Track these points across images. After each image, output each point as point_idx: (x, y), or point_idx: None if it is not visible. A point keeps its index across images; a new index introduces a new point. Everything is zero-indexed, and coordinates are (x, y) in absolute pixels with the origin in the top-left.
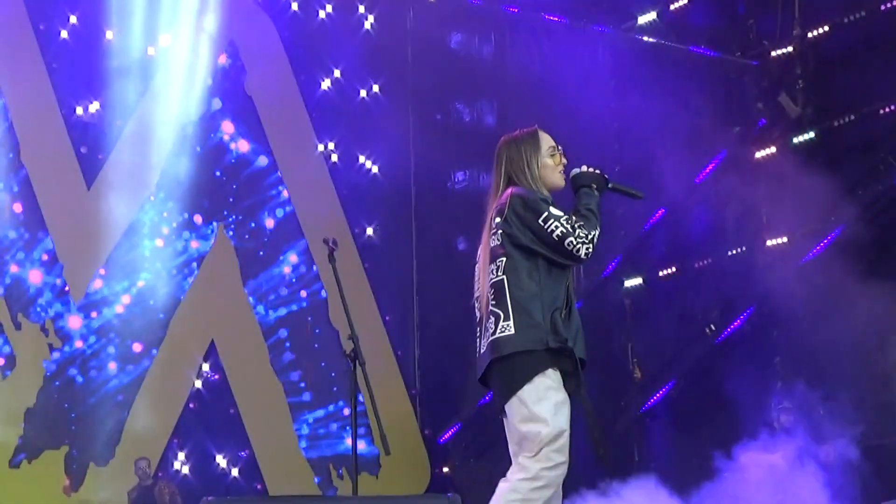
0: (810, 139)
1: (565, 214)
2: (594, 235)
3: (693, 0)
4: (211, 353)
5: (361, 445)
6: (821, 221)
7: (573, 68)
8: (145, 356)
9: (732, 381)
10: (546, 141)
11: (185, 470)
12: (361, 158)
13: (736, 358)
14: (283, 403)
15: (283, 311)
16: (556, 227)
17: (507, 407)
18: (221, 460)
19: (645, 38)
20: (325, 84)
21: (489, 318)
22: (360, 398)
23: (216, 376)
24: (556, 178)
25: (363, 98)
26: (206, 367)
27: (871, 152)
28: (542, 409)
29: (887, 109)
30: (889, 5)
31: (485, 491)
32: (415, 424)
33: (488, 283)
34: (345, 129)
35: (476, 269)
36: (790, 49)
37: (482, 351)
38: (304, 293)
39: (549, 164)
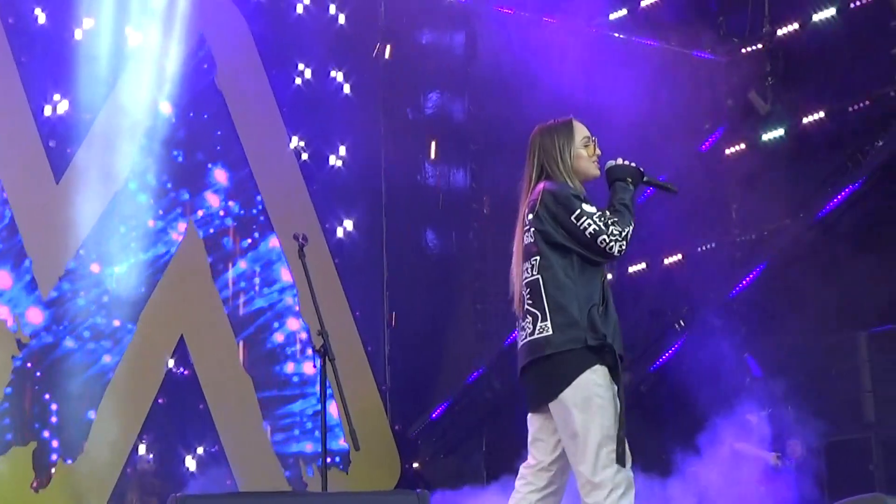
0: (780, 137)
1: (598, 210)
2: (628, 232)
3: None
4: (180, 349)
5: (331, 441)
6: (790, 218)
7: (544, 64)
8: (114, 352)
9: (702, 379)
10: (580, 131)
11: (154, 466)
12: (332, 154)
13: (705, 355)
14: (253, 399)
15: (253, 307)
16: (589, 224)
17: (551, 408)
18: (190, 458)
19: (616, 35)
20: (296, 79)
21: (526, 317)
22: (331, 394)
23: (185, 372)
24: (591, 168)
25: (334, 93)
26: (175, 362)
27: (840, 149)
28: (587, 412)
29: (856, 107)
30: (858, 3)
31: (455, 486)
32: (385, 420)
33: (523, 283)
34: (316, 124)
35: (511, 267)
36: (760, 46)
37: (519, 350)
38: (274, 289)
39: (583, 155)
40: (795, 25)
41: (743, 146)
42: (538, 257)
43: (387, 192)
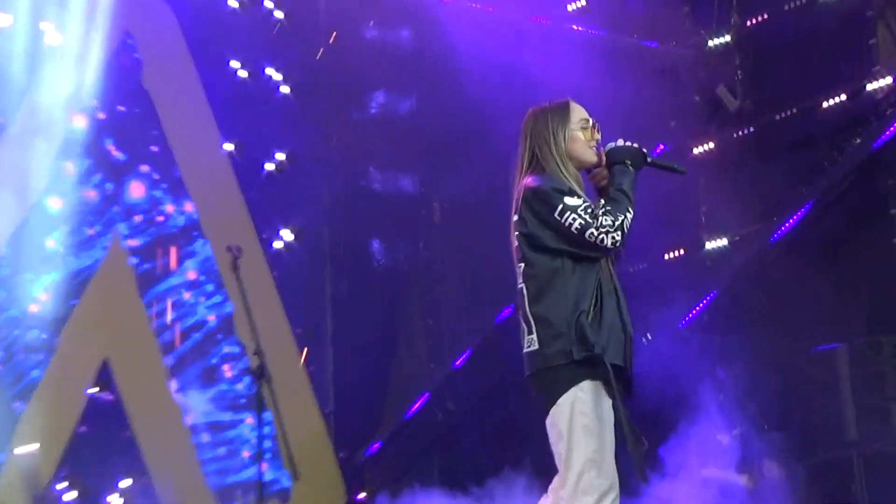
0: (750, 133)
1: (584, 202)
2: (623, 220)
3: None
4: (103, 372)
5: (269, 470)
6: (762, 222)
7: (498, 59)
8: (32, 376)
9: (669, 396)
10: (577, 112)
11: (75, 496)
12: (269, 159)
13: (675, 367)
14: (183, 426)
15: (183, 325)
16: (574, 219)
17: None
18: (114, 489)
19: (574, 27)
20: (231, 78)
21: (520, 327)
22: (269, 419)
23: (109, 397)
24: (587, 153)
25: (271, 92)
26: (98, 386)
27: (814, 148)
28: (572, 435)
29: (830, 102)
30: None
31: None
32: (328, 446)
33: (517, 289)
34: (252, 126)
35: None
36: (728, 38)
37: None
38: (206, 305)
39: (579, 138)
40: (766, 16)
41: (711, 145)
42: (522, 264)
43: (329, 199)
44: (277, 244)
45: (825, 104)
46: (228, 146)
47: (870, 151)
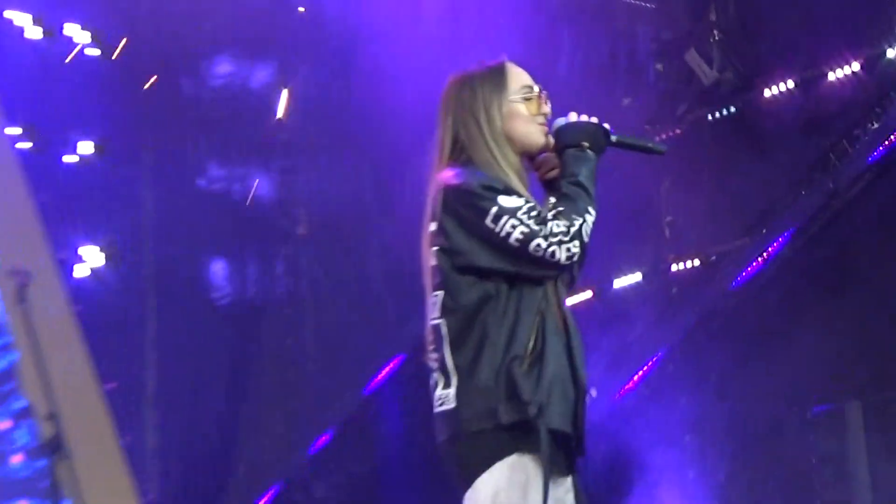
0: (731, 115)
1: (528, 202)
2: (581, 226)
3: None
4: None
5: None
6: (748, 235)
7: (392, 11)
8: None
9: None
10: (517, 78)
11: None
12: (70, 149)
13: (637, 415)
14: None
15: None
16: (514, 225)
17: None
18: None
19: None
20: (21, 44)
21: (431, 375)
22: None
23: None
24: (533, 133)
25: (74, 60)
26: None
27: (818, 135)
28: None
29: (840, 74)
30: None
31: None
32: None
33: (428, 324)
34: (46, 105)
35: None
36: None
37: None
38: None
39: (521, 113)
40: None
41: (678, 131)
42: (441, 292)
43: (154, 205)
44: (81, 268)
45: (832, 76)
46: (12, 131)
47: (893, 140)
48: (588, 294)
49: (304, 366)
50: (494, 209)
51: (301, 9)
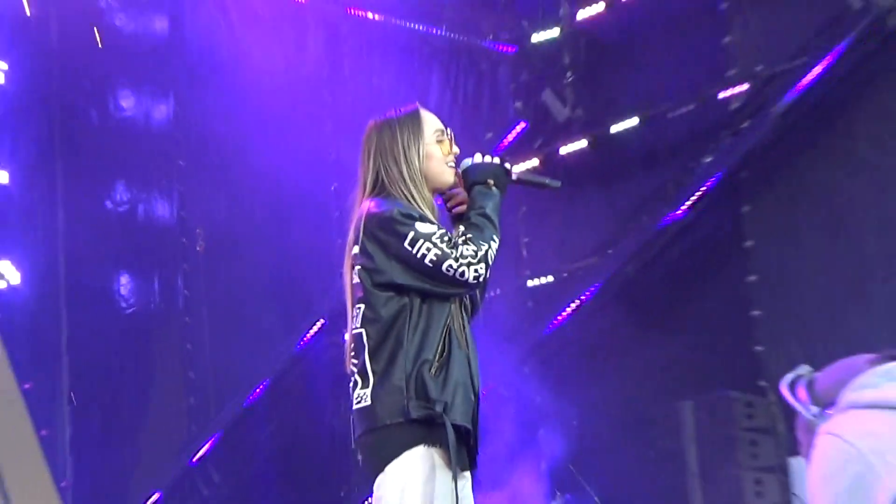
0: (582, 149)
1: (439, 230)
2: (487, 250)
3: None
4: None
5: None
6: (596, 255)
7: (275, 50)
8: None
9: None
10: (431, 123)
11: None
12: None
13: (494, 432)
14: None
15: None
16: (428, 248)
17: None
18: None
19: (372, 16)
20: None
21: (350, 379)
22: None
23: None
24: (445, 173)
25: None
26: None
27: (659, 167)
28: (399, 500)
29: (677, 112)
30: None
31: None
32: None
33: (350, 333)
34: None
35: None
36: (556, 33)
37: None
38: None
39: (435, 155)
40: (601, 6)
41: (536, 162)
42: (363, 305)
43: (65, 223)
44: None
45: (671, 114)
46: None
47: (722, 173)
48: None
49: (206, 359)
50: (412, 233)
51: None
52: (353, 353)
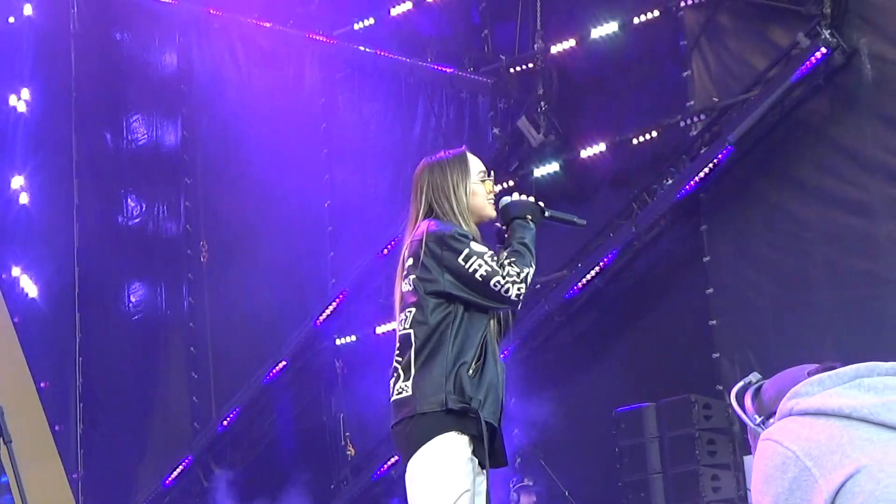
0: (554, 172)
1: (490, 251)
2: (527, 273)
3: (418, 5)
4: None
5: None
6: (567, 268)
7: (276, 80)
8: None
9: None
10: (476, 164)
11: None
12: (11, 185)
13: None
14: None
15: None
16: (480, 265)
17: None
18: None
19: (361, 48)
20: None
21: (392, 375)
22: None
23: None
24: (487, 208)
25: (14, 110)
26: None
27: (624, 188)
28: (424, 486)
29: (643, 139)
30: (643, 19)
31: None
32: None
33: (397, 336)
34: None
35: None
36: (531, 65)
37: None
38: None
39: (479, 192)
40: (572, 42)
41: (511, 184)
42: (414, 309)
43: (80, 236)
44: (19, 284)
45: (635, 140)
46: None
47: (682, 193)
48: None
49: (208, 361)
50: (466, 250)
51: None
52: (398, 351)
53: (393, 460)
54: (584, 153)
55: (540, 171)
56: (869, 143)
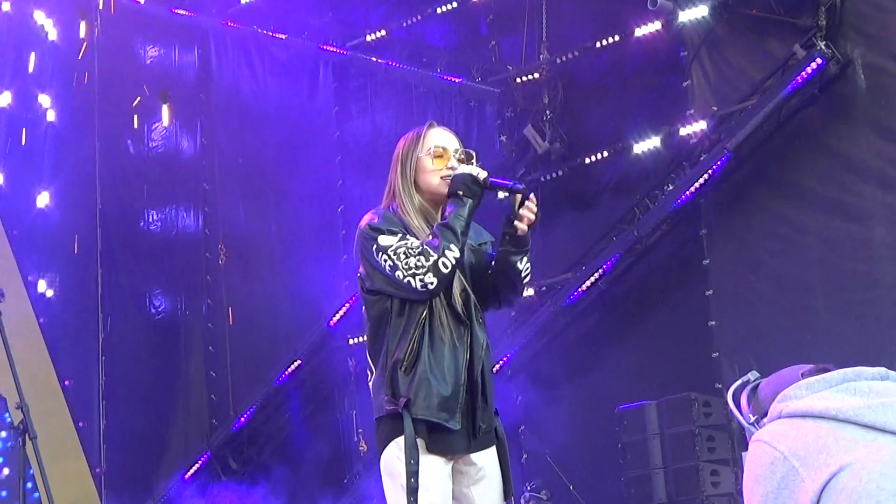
0: (559, 177)
1: (401, 240)
2: (436, 260)
3: (428, 18)
4: None
5: None
6: (571, 271)
7: (291, 89)
8: None
9: None
10: (431, 138)
11: None
12: (36, 191)
13: None
14: None
15: None
16: (386, 259)
17: None
18: None
19: (373, 59)
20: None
21: None
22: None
23: None
24: (434, 183)
25: (37, 120)
26: None
27: (627, 194)
28: (391, 495)
29: (643, 146)
30: (644, 30)
31: None
32: None
33: None
34: (15, 155)
35: None
36: (537, 75)
37: None
38: None
39: (427, 168)
40: (577, 53)
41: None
42: (362, 307)
43: (103, 239)
44: (44, 287)
45: (637, 148)
46: None
47: (682, 199)
48: None
49: (226, 360)
50: (374, 245)
51: None
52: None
53: None
54: (588, 160)
55: (545, 177)
56: (863, 151)
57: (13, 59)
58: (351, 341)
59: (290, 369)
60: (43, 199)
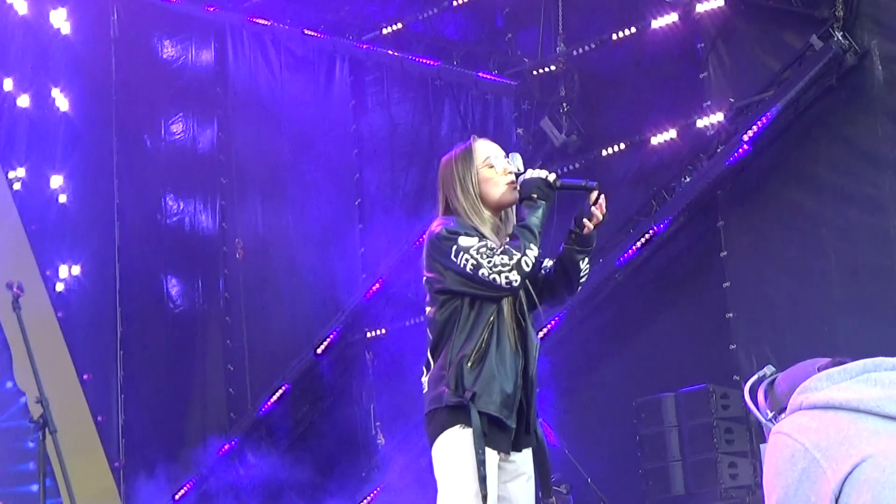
0: (576, 170)
1: (481, 241)
2: (520, 259)
3: (444, 11)
4: None
5: None
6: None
7: (307, 83)
8: None
9: None
10: (481, 151)
11: None
12: (54, 185)
13: None
14: None
15: None
16: (467, 259)
17: None
18: None
19: (389, 52)
20: (11, 97)
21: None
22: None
23: None
24: (503, 192)
25: (54, 115)
26: None
27: (644, 186)
28: (442, 483)
29: (660, 138)
30: (661, 22)
31: None
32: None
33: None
34: (34, 150)
35: None
36: (553, 68)
37: None
38: None
39: (488, 178)
40: (593, 45)
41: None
42: (428, 308)
43: (121, 234)
44: (62, 281)
45: (654, 140)
46: (7, 172)
47: (700, 191)
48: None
49: (244, 353)
50: (454, 247)
51: None
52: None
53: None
54: (605, 152)
55: (562, 171)
56: (880, 142)
57: (32, 58)
58: (369, 334)
59: (307, 362)
60: (61, 195)
